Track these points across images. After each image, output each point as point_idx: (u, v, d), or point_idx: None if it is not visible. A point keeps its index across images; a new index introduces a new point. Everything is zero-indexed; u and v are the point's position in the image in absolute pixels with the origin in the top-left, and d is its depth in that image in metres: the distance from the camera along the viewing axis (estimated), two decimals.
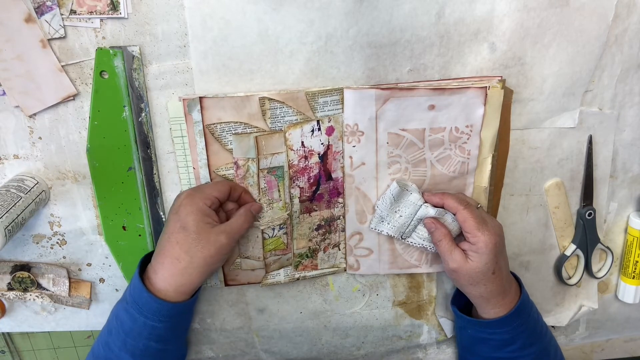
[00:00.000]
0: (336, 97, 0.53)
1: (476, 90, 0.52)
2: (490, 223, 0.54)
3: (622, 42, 0.54)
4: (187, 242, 0.49)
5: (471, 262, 0.53)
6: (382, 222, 0.58)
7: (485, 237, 0.52)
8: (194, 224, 0.49)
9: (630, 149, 0.60)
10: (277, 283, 0.61)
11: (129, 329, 0.50)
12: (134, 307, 0.50)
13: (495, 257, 0.53)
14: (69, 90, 0.50)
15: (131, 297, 0.51)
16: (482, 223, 0.53)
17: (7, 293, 0.60)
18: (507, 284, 0.56)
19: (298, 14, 0.49)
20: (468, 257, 0.53)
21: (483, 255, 0.52)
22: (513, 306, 0.55)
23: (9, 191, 0.50)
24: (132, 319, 0.50)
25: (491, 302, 0.56)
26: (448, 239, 0.54)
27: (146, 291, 0.49)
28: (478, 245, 0.52)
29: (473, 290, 0.55)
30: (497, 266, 0.53)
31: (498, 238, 0.53)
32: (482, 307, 0.57)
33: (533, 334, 0.57)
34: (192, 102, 0.50)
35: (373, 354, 0.71)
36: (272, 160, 0.54)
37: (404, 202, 0.57)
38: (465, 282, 0.55)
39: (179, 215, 0.49)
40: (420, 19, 0.50)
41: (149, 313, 0.50)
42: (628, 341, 0.76)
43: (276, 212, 0.56)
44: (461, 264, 0.53)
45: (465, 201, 0.54)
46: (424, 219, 0.56)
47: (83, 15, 0.47)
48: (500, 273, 0.54)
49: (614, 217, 0.65)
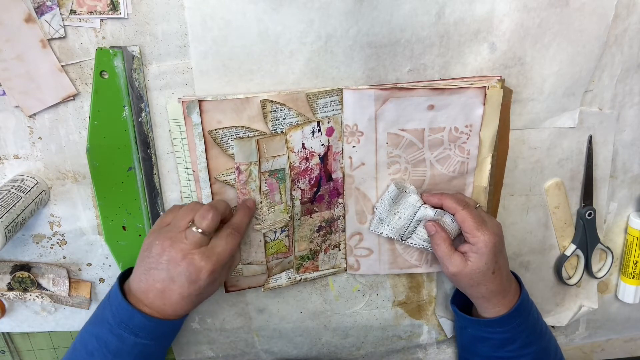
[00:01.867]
0: (336, 98, 0.53)
1: (475, 90, 0.52)
2: (490, 223, 0.54)
3: (622, 42, 0.54)
4: (195, 293, 0.50)
5: (471, 264, 0.53)
6: (382, 224, 0.58)
7: (484, 236, 0.52)
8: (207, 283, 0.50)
9: (630, 149, 0.60)
10: (279, 287, 0.61)
11: (117, 349, 0.49)
12: (122, 327, 0.49)
13: (495, 257, 0.53)
14: (69, 90, 0.50)
15: (116, 318, 0.49)
16: (481, 223, 0.53)
17: (7, 293, 0.60)
18: (507, 283, 0.56)
19: (298, 14, 0.49)
20: (468, 259, 0.53)
21: (483, 255, 0.52)
22: (513, 305, 0.56)
23: (9, 191, 0.50)
24: (119, 339, 0.49)
25: (492, 301, 0.56)
26: (447, 243, 0.54)
27: (137, 311, 0.49)
28: (478, 245, 0.52)
29: (474, 291, 0.55)
30: (497, 266, 0.53)
31: (497, 237, 0.53)
32: (482, 306, 0.57)
33: (533, 333, 0.57)
34: (192, 104, 0.50)
35: (373, 354, 0.71)
36: (274, 163, 0.54)
37: (402, 203, 0.57)
38: (466, 284, 0.55)
39: (199, 284, 0.49)
40: (420, 19, 0.50)
41: (142, 332, 0.49)
42: (628, 341, 0.76)
43: (278, 215, 0.56)
44: (461, 268, 0.53)
45: (464, 201, 0.54)
46: (424, 221, 0.56)
47: (83, 15, 0.47)
48: (500, 272, 0.54)
49: (614, 217, 0.65)
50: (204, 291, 0.50)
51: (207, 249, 0.49)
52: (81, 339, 0.52)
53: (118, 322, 0.49)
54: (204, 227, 0.49)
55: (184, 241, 0.49)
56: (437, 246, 0.55)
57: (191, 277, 0.48)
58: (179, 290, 0.49)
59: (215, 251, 0.49)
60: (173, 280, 0.49)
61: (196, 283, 0.49)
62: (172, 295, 0.49)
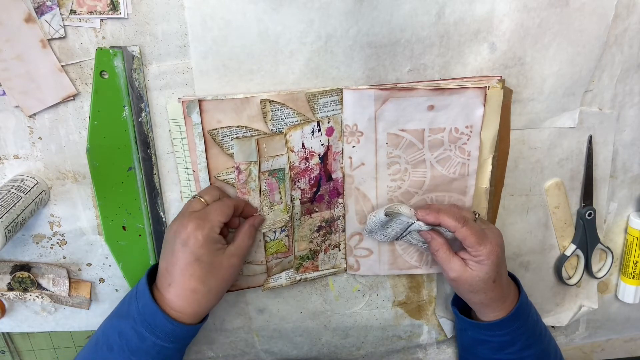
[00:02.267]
0: (336, 98, 0.53)
1: (475, 90, 0.52)
2: (490, 234, 0.54)
3: (622, 42, 0.54)
4: (202, 273, 0.49)
5: (471, 271, 0.53)
6: (374, 234, 0.59)
7: (487, 249, 0.52)
8: (207, 255, 0.49)
9: (630, 149, 0.60)
10: (278, 286, 0.61)
11: (136, 347, 0.49)
12: (144, 326, 0.49)
13: (497, 267, 0.53)
14: (69, 90, 0.50)
15: (141, 315, 0.49)
16: (482, 237, 0.52)
17: (7, 293, 0.60)
18: (506, 289, 0.56)
19: (298, 14, 0.49)
20: (468, 266, 0.53)
21: (485, 265, 0.52)
22: (512, 308, 0.55)
23: (9, 191, 0.50)
24: (140, 338, 0.49)
25: (491, 307, 0.56)
26: (445, 248, 0.54)
27: (161, 312, 0.49)
28: (480, 257, 0.52)
29: (473, 297, 0.55)
30: (497, 275, 0.53)
31: (499, 248, 0.53)
32: (481, 312, 0.57)
33: (533, 335, 0.57)
34: (192, 103, 0.50)
35: (373, 354, 0.71)
36: (273, 163, 0.54)
37: (395, 221, 0.56)
38: (466, 290, 0.55)
39: (190, 247, 0.48)
40: (420, 19, 0.50)
41: (162, 334, 0.49)
42: (628, 341, 0.76)
43: (277, 214, 0.56)
44: (460, 273, 0.53)
45: (462, 218, 0.53)
46: (419, 231, 0.56)
47: (83, 15, 0.47)
48: (500, 281, 0.54)
49: (614, 217, 0.65)
50: (204, 268, 0.49)
51: (201, 212, 0.50)
52: (104, 331, 0.52)
53: (142, 320, 0.49)
54: (203, 194, 0.52)
55: (184, 211, 0.51)
56: (436, 252, 0.55)
57: (182, 238, 0.48)
58: (179, 263, 0.49)
59: (208, 217, 0.49)
60: (173, 251, 0.49)
61: (187, 245, 0.48)
62: (174, 271, 0.49)
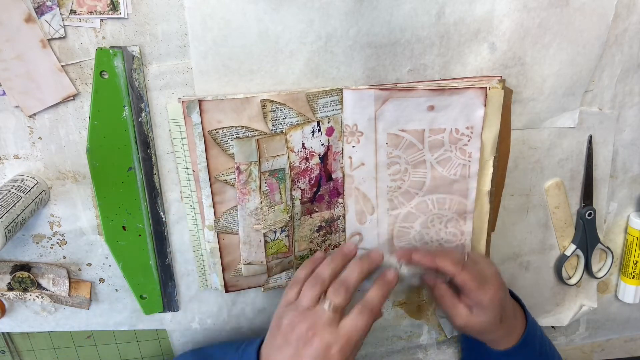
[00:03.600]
0: (336, 98, 0.53)
1: (476, 90, 0.52)
2: (490, 277, 0.53)
3: (622, 42, 0.54)
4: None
5: (476, 317, 0.53)
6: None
7: (488, 295, 0.51)
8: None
9: (630, 149, 0.60)
10: (279, 287, 0.61)
11: None
12: None
13: (501, 309, 0.53)
14: (69, 90, 0.50)
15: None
16: (482, 282, 0.52)
17: (7, 293, 0.60)
18: (513, 321, 0.56)
19: (298, 14, 0.49)
20: (472, 313, 0.53)
21: (489, 310, 0.52)
22: (520, 336, 0.56)
23: (9, 191, 0.50)
24: None
25: (500, 342, 0.56)
26: (449, 295, 0.54)
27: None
28: (482, 304, 0.52)
29: (481, 337, 0.56)
30: (504, 315, 0.53)
31: (501, 291, 0.53)
32: (490, 344, 0.57)
33: (541, 355, 0.58)
34: (192, 103, 0.50)
35: (373, 354, 0.71)
36: (274, 163, 0.54)
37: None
38: (474, 333, 0.55)
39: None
40: (420, 19, 0.50)
41: None
42: (628, 341, 0.76)
43: (278, 215, 0.56)
44: (467, 320, 0.53)
45: (458, 262, 0.52)
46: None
47: (83, 15, 0.47)
48: (507, 318, 0.54)
49: (614, 217, 0.65)
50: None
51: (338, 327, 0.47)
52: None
53: None
54: (337, 303, 0.47)
55: (313, 318, 0.47)
56: (440, 298, 0.55)
57: (319, 356, 0.45)
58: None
59: (345, 330, 0.46)
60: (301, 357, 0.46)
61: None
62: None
